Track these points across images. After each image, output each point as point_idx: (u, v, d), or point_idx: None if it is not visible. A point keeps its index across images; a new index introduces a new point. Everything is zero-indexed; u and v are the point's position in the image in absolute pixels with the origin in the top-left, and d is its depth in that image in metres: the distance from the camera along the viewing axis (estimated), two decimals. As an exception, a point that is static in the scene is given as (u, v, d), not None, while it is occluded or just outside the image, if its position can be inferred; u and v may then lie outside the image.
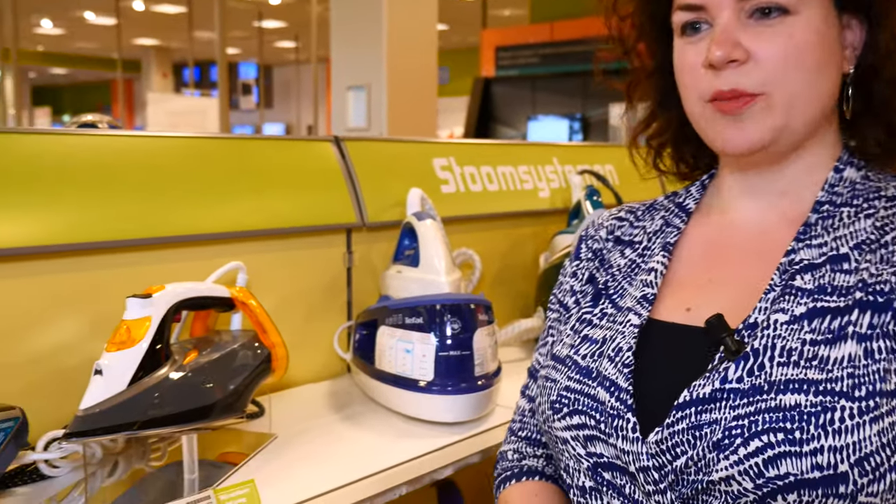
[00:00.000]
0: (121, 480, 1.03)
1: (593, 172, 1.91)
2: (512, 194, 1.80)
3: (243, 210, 1.30)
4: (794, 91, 0.78)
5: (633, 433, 0.75)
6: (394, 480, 1.05)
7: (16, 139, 1.10)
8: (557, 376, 0.87)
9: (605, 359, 0.82)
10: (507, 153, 1.85)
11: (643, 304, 0.85)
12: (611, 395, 0.79)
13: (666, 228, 0.93)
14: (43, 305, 1.08)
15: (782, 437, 0.68)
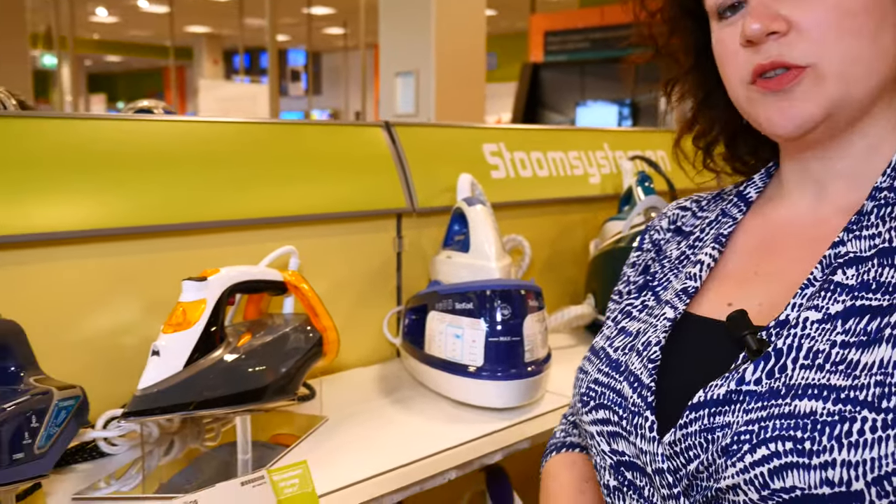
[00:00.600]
0: (176, 459, 1.05)
1: (645, 158, 1.89)
2: (562, 180, 1.78)
3: (295, 195, 1.31)
4: (846, 59, 0.71)
5: (650, 432, 0.72)
6: (443, 465, 1.05)
7: (75, 125, 1.13)
8: (589, 368, 0.85)
9: (634, 353, 0.80)
10: (557, 139, 1.84)
11: (681, 298, 0.82)
12: (633, 391, 0.76)
13: (722, 219, 0.88)
14: (102, 287, 1.10)
15: (791, 447, 0.62)
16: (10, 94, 1.28)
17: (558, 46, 9.95)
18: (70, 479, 0.99)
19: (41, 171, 1.05)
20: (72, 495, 0.93)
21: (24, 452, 0.78)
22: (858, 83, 0.72)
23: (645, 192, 1.69)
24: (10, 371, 0.86)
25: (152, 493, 0.94)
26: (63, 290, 1.07)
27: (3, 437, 0.76)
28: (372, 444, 1.09)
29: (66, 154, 1.08)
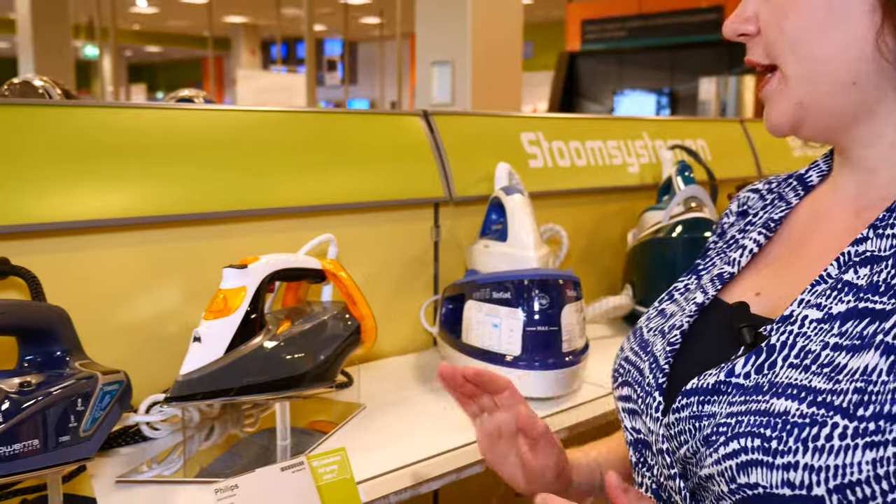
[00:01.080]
0: (217, 444, 1.07)
1: (685, 147, 1.87)
2: (600, 169, 1.77)
3: (334, 183, 1.32)
4: (803, 58, 0.69)
5: (655, 412, 0.73)
6: (480, 454, 1.05)
7: (118, 114, 1.14)
8: (625, 346, 0.86)
9: (660, 334, 0.81)
10: (595, 128, 1.82)
11: (714, 283, 0.81)
12: (650, 372, 0.77)
13: (777, 203, 0.85)
14: (145, 274, 1.12)
15: (758, 444, 0.61)
16: (55, 84, 1.30)
17: (595, 35, 9.86)
18: (113, 462, 1.01)
19: (86, 159, 1.07)
20: (115, 478, 0.95)
21: (70, 435, 0.79)
22: (827, 82, 0.70)
23: (685, 181, 1.67)
24: (56, 356, 0.87)
25: (193, 477, 0.96)
26: (107, 276, 1.09)
27: (51, 419, 0.77)
28: (409, 433, 1.10)
29: (110, 143, 1.10)
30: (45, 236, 1.03)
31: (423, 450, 1.03)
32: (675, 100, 9.40)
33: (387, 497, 0.94)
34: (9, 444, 0.73)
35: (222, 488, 0.82)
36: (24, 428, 0.74)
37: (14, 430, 0.73)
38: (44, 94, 1.27)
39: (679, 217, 1.56)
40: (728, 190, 1.91)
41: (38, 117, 1.05)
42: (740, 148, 2.18)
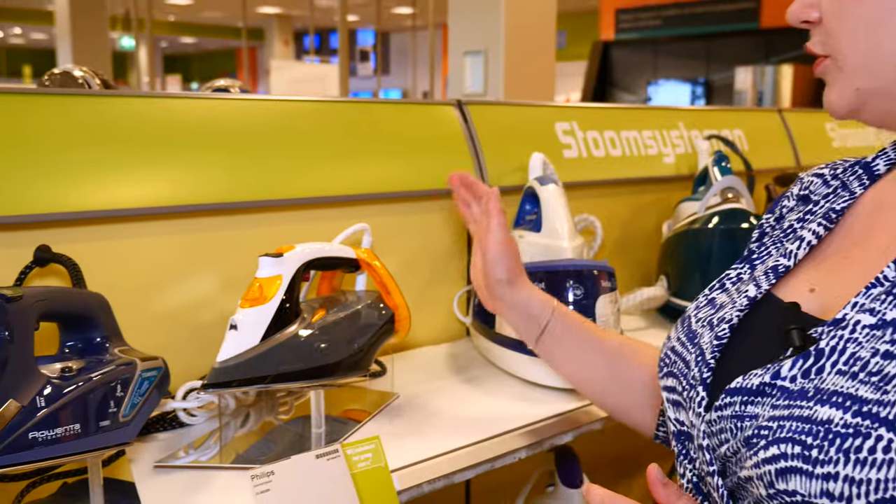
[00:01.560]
0: (252, 431, 1.08)
1: (721, 137, 1.84)
2: (635, 160, 1.75)
3: (367, 173, 1.32)
4: (858, 52, 0.70)
5: (698, 407, 0.72)
6: (514, 444, 1.05)
7: (156, 103, 1.15)
8: (672, 334, 0.85)
9: (709, 326, 0.79)
10: (631, 118, 1.80)
11: (768, 277, 0.79)
12: (695, 365, 0.76)
13: (840, 192, 0.82)
14: (182, 262, 1.13)
15: (798, 451, 0.60)
16: (94, 74, 1.32)
17: (630, 24, 9.76)
18: (151, 447, 1.02)
19: (125, 148, 1.08)
20: (153, 463, 0.96)
21: (110, 420, 0.81)
22: (887, 74, 0.70)
23: (721, 172, 1.65)
24: (96, 342, 0.89)
25: (229, 463, 0.97)
26: (145, 264, 1.10)
27: (91, 404, 0.79)
28: (442, 422, 1.10)
29: (148, 132, 1.11)
30: (85, 224, 1.04)
31: (457, 439, 1.03)
32: (711, 90, 9.29)
33: (420, 486, 0.95)
34: (51, 428, 0.74)
35: (258, 474, 0.83)
36: (66, 412, 0.76)
37: (56, 414, 0.75)
38: (83, 84, 1.28)
39: (715, 208, 1.54)
40: (765, 181, 1.88)
41: (78, 107, 1.07)
42: (778, 138, 2.15)
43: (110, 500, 0.86)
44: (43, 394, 0.74)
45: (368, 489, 0.89)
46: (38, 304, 0.78)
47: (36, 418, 0.73)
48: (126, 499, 0.88)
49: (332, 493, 0.86)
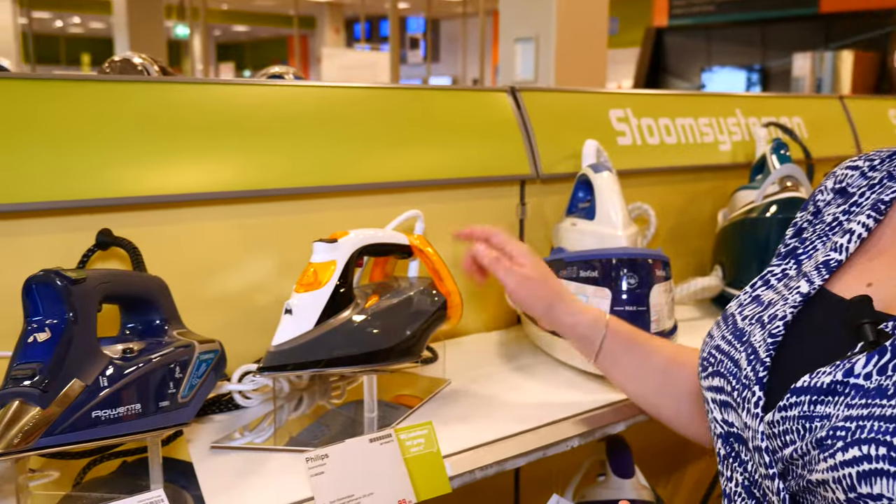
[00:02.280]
0: (305, 415, 1.09)
1: (780, 125, 1.80)
2: (690, 147, 1.72)
3: (420, 160, 1.32)
4: None
5: (755, 408, 0.69)
6: (566, 432, 1.05)
7: (212, 90, 1.16)
8: (715, 333, 0.83)
9: (759, 324, 0.76)
10: (686, 104, 1.77)
11: (820, 272, 0.76)
12: (748, 364, 0.73)
13: (887, 182, 0.79)
14: (237, 247, 1.15)
15: (884, 452, 0.57)
16: (153, 61, 1.34)
17: (683, 10, 9.59)
18: (207, 428, 1.04)
19: (183, 134, 1.09)
20: (210, 444, 0.98)
21: (169, 401, 0.82)
22: None
23: (780, 160, 1.62)
24: (156, 324, 0.91)
25: (283, 446, 0.98)
26: (202, 248, 1.12)
27: (151, 385, 0.80)
28: (494, 409, 1.10)
29: (205, 118, 1.13)
30: (145, 209, 1.06)
31: (509, 427, 1.03)
32: (767, 76, 9.08)
33: (472, 472, 0.95)
34: (113, 408, 0.76)
35: (313, 457, 0.83)
36: (128, 392, 0.77)
37: (118, 394, 0.76)
38: (143, 71, 1.31)
39: (774, 197, 1.51)
40: (825, 169, 1.82)
41: (138, 93, 1.08)
42: (839, 126, 2.09)
43: (169, 479, 0.87)
44: (105, 374, 0.76)
45: (421, 474, 0.89)
46: (101, 286, 0.80)
47: (99, 398, 0.75)
48: (184, 478, 0.90)
49: (385, 476, 0.87)
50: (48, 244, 1.00)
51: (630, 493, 1.29)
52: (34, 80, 1.01)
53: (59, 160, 0.99)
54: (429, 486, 0.89)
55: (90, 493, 0.87)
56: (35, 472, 0.91)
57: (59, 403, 0.72)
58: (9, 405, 0.70)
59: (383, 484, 0.86)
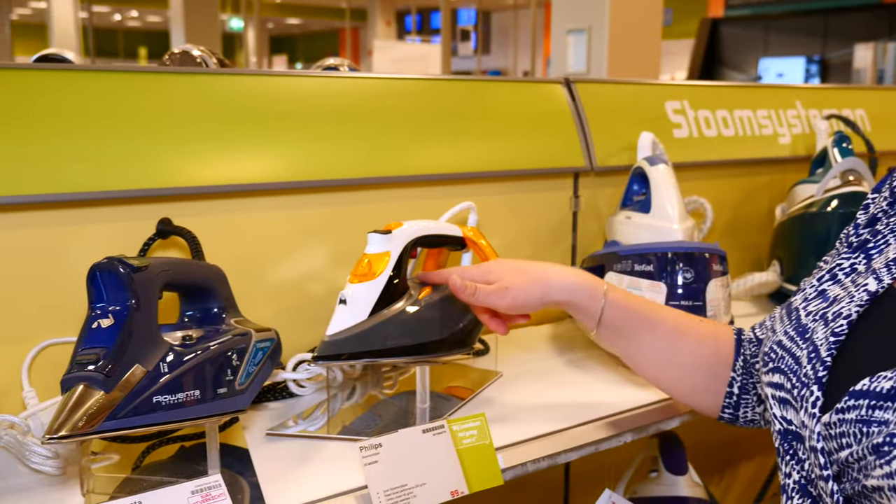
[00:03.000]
0: (358, 404, 1.10)
1: (842, 117, 1.75)
2: (749, 140, 1.69)
3: (474, 151, 1.32)
4: None
5: (812, 408, 0.68)
6: (620, 427, 1.04)
7: (269, 81, 1.18)
8: (778, 328, 0.81)
9: (822, 321, 0.74)
10: (744, 96, 1.74)
11: (890, 270, 0.74)
12: (808, 362, 0.71)
13: None
14: (293, 237, 1.16)
15: None
16: (212, 53, 1.36)
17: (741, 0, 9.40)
18: (262, 415, 1.05)
19: (240, 125, 1.11)
20: (265, 431, 0.99)
21: (226, 388, 0.84)
22: None
23: (842, 153, 1.57)
24: (213, 312, 0.92)
25: (336, 434, 0.99)
26: (258, 238, 1.13)
27: (210, 372, 0.82)
28: (546, 403, 1.09)
29: (263, 109, 1.14)
30: (203, 199, 1.08)
31: (562, 420, 1.02)
32: (826, 68, 8.86)
33: (524, 465, 0.95)
34: (173, 393, 0.77)
35: (367, 446, 0.84)
36: (187, 378, 0.79)
37: (178, 380, 0.78)
38: (201, 63, 1.33)
39: (835, 191, 1.48)
40: (889, 163, 1.78)
41: (197, 85, 1.10)
42: (903, 118, 2.03)
43: (225, 464, 0.89)
44: (166, 360, 0.78)
45: (473, 465, 0.89)
46: (162, 274, 0.81)
47: (159, 383, 0.77)
48: (240, 464, 0.91)
49: (438, 467, 0.87)
50: (111, 232, 1.02)
51: (683, 489, 1.27)
52: (98, 71, 1.04)
53: (122, 151, 1.01)
54: (481, 477, 0.89)
55: (150, 477, 0.88)
56: (97, 455, 0.93)
57: (122, 388, 0.73)
58: (74, 389, 0.72)
59: (436, 474, 0.87)
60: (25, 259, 0.97)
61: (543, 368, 1.22)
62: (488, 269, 1.00)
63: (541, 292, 0.97)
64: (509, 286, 0.97)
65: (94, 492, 0.83)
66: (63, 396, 0.72)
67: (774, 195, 1.75)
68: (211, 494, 0.76)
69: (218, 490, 0.76)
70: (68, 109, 0.99)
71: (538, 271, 0.98)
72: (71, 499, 0.83)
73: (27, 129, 0.95)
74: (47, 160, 0.96)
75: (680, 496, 1.27)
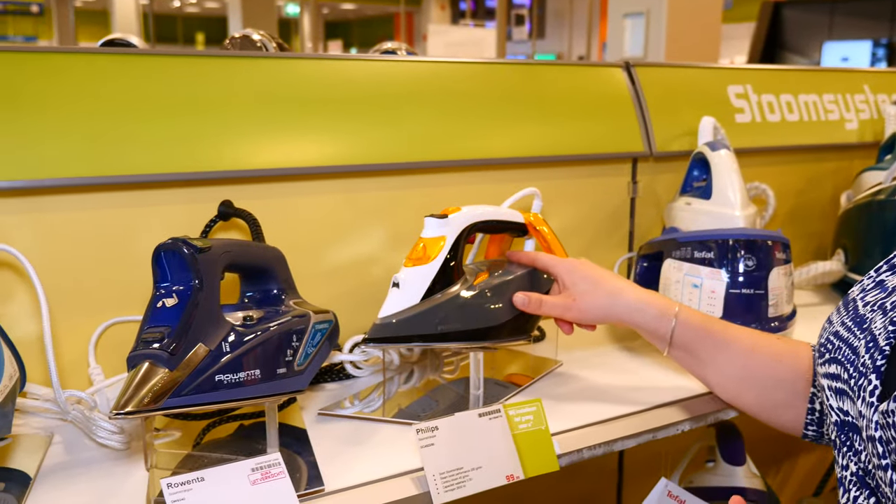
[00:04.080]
0: (415, 388, 1.11)
1: (913, 102, 1.70)
2: (814, 125, 1.65)
3: (531, 136, 1.31)
4: None
5: (870, 396, 0.67)
6: (678, 416, 1.02)
7: (327, 65, 1.18)
8: (835, 318, 0.80)
9: (881, 311, 0.73)
10: (810, 80, 1.69)
11: None
12: (866, 351, 0.70)
13: None
14: (350, 220, 1.17)
15: None
16: (271, 38, 1.37)
17: (805, -18, 9.13)
18: (319, 396, 1.07)
19: (299, 109, 1.12)
20: (319, 410, 1.01)
21: (286, 368, 0.85)
22: None
23: (912, 139, 1.52)
24: (273, 293, 0.93)
25: (391, 417, 0.99)
26: (316, 221, 1.14)
27: (270, 352, 0.83)
28: (605, 390, 1.09)
29: (321, 93, 1.14)
30: (263, 181, 1.09)
31: (618, 408, 1.02)
32: (894, 52, 8.58)
33: (580, 451, 0.94)
34: (234, 372, 0.79)
35: (423, 429, 0.84)
36: (248, 358, 0.80)
37: (239, 359, 0.79)
38: (261, 47, 1.34)
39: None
40: (962, 150, 1.72)
41: (258, 69, 1.11)
42: (978, 103, 1.96)
43: (283, 443, 0.90)
44: (228, 340, 0.79)
45: (529, 450, 0.89)
46: (224, 255, 0.83)
47: (221, 362, 0.78)
48: (297, 443, 0.92)
49: (494, 451, 0.87)
50: (174, 214, 1.04)
51: (741, 480, 1.26)
52: (163, 56, 1.05)
53: (185, 134, 1.02)
54: (536, 463, 0.89)
55: (210, 454, 0.90)
56: (159, 431, 0.95)
57: (185, 366, 0.75)
58: (139, 366, 0.74)
59: (491, 459, 0.87)
60: (94, 239, 1.00)
61: (602, 356, 1.22)
62: (569, 268, 1.03)
63: (607, 308, 1.00)
64: (577, 298, 1.01)
65: (158, 467, 0.85)
66: (129, 373, 0.74)
67: (839, 182, 1.71)
68: (271, 472, 0.77)
69: (277, 468, 0.78)
70: (134, 93, 1.01)
71: (611, 285, 1.01)
72: (135, 473, 0.85)
73: (94, 113, 0.98)
74: (113, 143, 0.98)
75: (737, 486, 1.25)
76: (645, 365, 1.18)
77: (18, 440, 0.92)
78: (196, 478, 0.74)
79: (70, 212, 0.98)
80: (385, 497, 0.82)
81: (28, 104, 0.94)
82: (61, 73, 0.97)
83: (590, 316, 1.01)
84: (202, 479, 0.74)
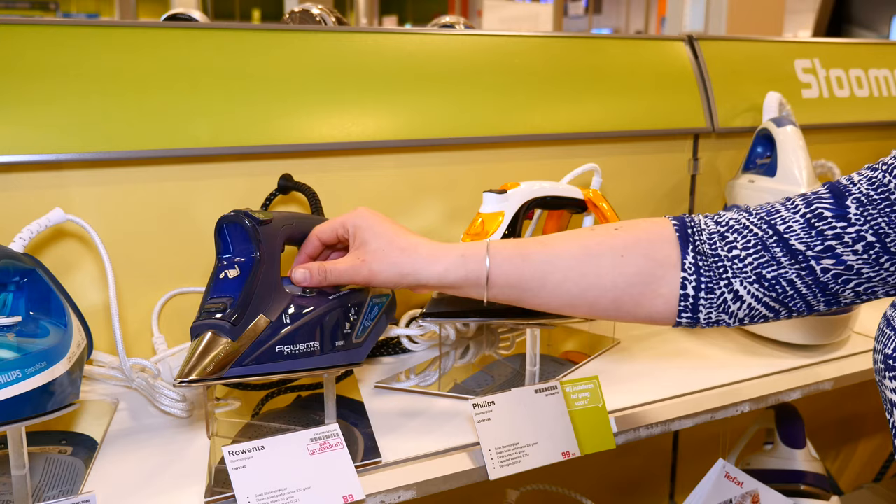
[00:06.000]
0: (470, 363, 1.11)
1: None
2: (884, 101, 1.59)
3: (591, 111, 1.29)
4: None
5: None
6: (737, 396, 1.01)
7: (385, 39, 1.17)
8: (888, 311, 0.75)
9: None
10: (881, 54, 1.63)
11: None
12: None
13: None
14: (408, 194, 1.17)
15: None
16: (330, 12, 1.37)
17: (875, -47, 8.81)
18: (376, 369, 1.07)
19: (358, 83, 1.12)
20: (375, 383, 1.01)
21: (344, 341, 0.85)
22: None
23: None
24: (332, 266, 0.94)
25: (447, 391, 1.00)
26: (375, 195, 1.14)
27: (328, 325, 0.83)
28: (664, 370, 1.07)
29: (380, 68, 1.14)
30: (322, 155, 1.09)
31: (677, 387, 1.00)
32: (968, 25, 8.24)
33: (636, 430, 0.93)
34: (294, 344, 0.79)
35: (479, 403, 0.84)
36: (307, 330, 0.81)
37: (299, 331, 0.80)
38: (321, 22, 1.34)
39: (981, 156, 1.37)
40: None
41: (318, 43, 1.11)
42: None
43: (340, 415, 0.91)
44: (288, 312, 0.80)
45: (585, 427, 0.89)
46: (285, 227, 0.83)
47: (281, 334, 0.79)
48: (354, 415, 0.93)
49: (550, 427, 0.87)
50: (234, 187, 1.05)
51: (800, 463, 1.23)
52: (224, 30, 1.06)
53: (245, 108, 1.03)
54: (593, 440, 0.89)
55: (269, 423, 0.92)
56: (220, 401, 0.97)
57: (247, 337, 0.76)
58: (202, 336, 0.75)
59: (548, 435, 0.86)
60: (157, 211, 1.02)
61: (661, 334, 1.20)
62: (357, 222, 0.84)
63: (402, 265, 0.81)
64: (367, 258, 0.82)
65: (219, 435, 0.87)
66: (192, 343, 0.75)
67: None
68: (329, 443, 0.78)
69: (335, 439, 0.78)
70: (196, 68, 1.02)
71: (405, 240, 0.82)
72: (197, 440, 0.87)
73: (157, 86, 0.99)
74: (176, 116, 0.99)
75: (797, 470, 1.23)
76: (704, 345, 1.16)
77: (86, 406, 0.95)
78: (256, 446, 0.75)
79: (135, 184, 1.00)
80: (441, 471, 0.82)
81: (94, 79, 0.96)
82: (126, 49, 0.99)
83: (381, 278, 0.81)
84: (262, 447, 0.75)
